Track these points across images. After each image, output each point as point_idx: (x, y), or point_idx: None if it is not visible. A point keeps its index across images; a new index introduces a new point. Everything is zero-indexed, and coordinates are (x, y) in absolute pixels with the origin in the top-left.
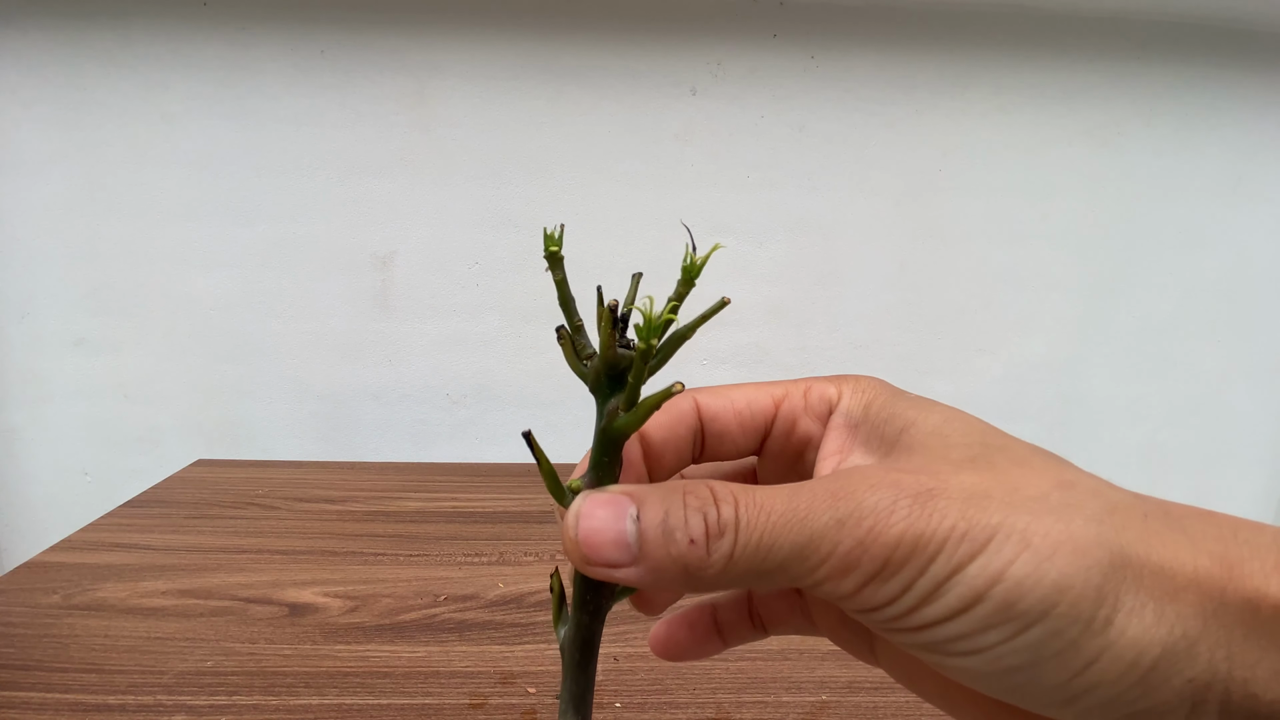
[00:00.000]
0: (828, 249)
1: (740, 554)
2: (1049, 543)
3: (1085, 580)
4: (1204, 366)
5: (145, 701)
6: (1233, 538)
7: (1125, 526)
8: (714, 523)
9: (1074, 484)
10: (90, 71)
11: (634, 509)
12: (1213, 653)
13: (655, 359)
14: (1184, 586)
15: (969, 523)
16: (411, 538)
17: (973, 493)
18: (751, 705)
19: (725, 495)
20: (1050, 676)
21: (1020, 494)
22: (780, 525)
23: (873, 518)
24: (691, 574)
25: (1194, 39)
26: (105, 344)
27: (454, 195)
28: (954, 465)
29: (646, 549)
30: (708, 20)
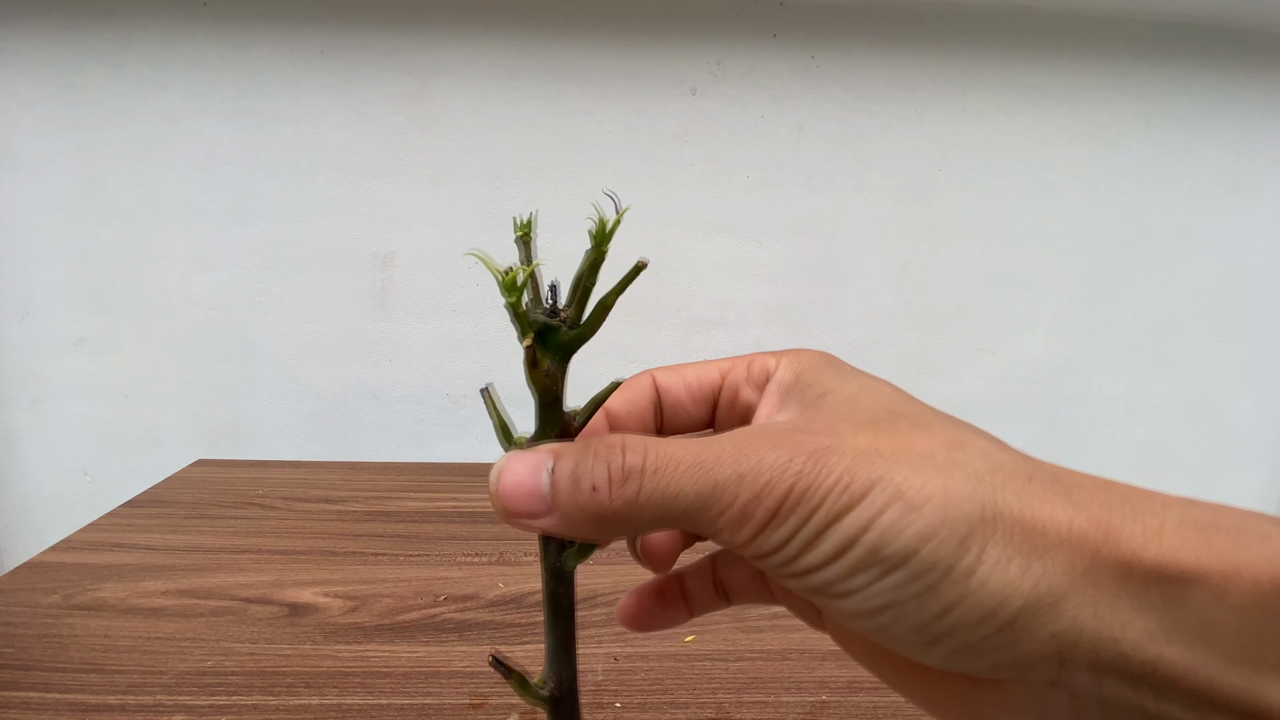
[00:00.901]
0: (828, 249)
1: (646, 499)
2: (921, 495)
3: (950, 531)
4: (1204, 366)
5: (145, 701)
6: (1120, 503)
7: (1005, 485)
8: (617, 470)
9: (965, 445)
10: (90, 71)
11: (551, 463)
12: (1079, 610)
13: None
14: (1055, 544)
15: (851, 476)
16: (411, 538)
17: (863, 450)
18: (751, 705)
19: (635, 445)
20: (911, 618)
21: (908, 451)
22: (686, 475)
23: (769, 473)
24: (598, 519)
25: (1194, 39)
26: (105, 344)
27: (454, 195)
28: (855, 426)
29: (558, 498)
30: (708, 20)
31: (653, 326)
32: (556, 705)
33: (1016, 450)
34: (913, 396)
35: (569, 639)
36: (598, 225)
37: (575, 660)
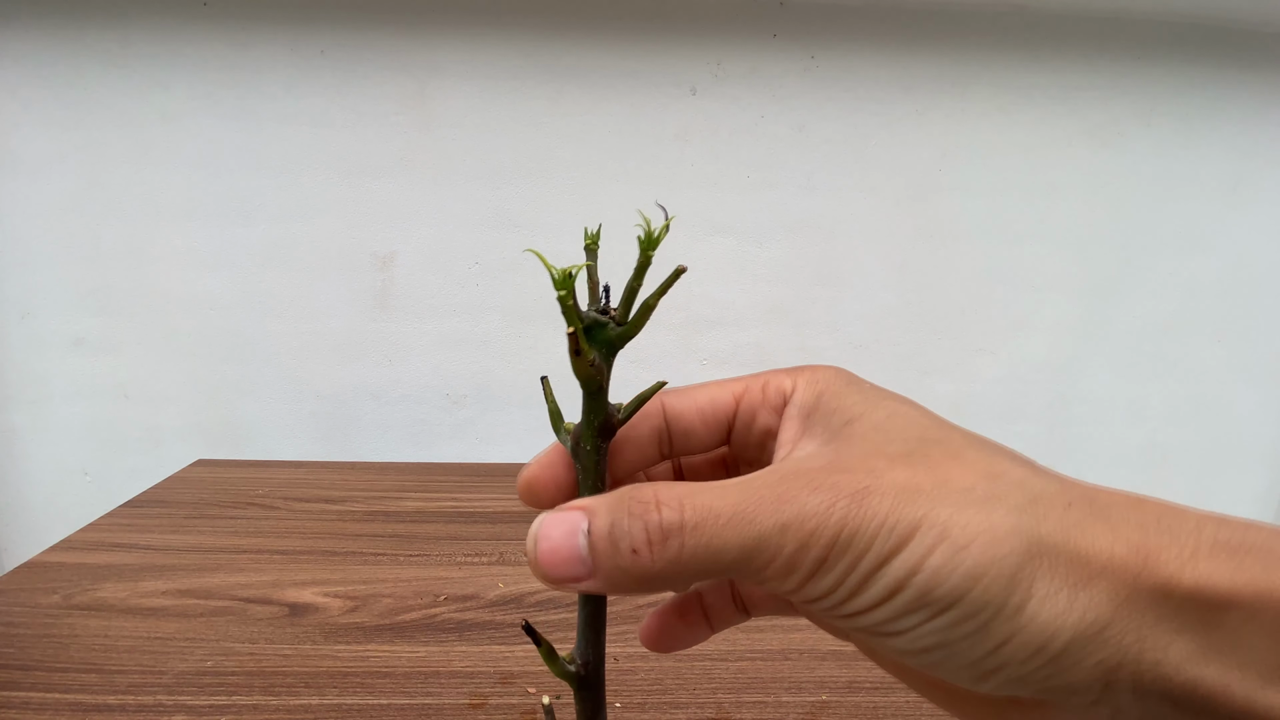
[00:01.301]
0: (828, 249)
1: (690, 557)
2: (967, 534)
3: (999, 569)
4: (1204, 366)
5: (145, 701)
6: (1155, 525)
7: (1046, 516)
8: (655, 529)
9: (1001, 475)
10: (90, 71)
11: (585, 523)
12: (1123, 637)
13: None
14: (1098, 573)
15: (896, 517)
16: (411, 538)
17: (904, 488)
18: (751, 705)
19: (670, 500)
20: (964, 656)
21: (948, 487)
22: (728, 528)
23: (813, 520)
24: (642, 580)
25: (1194, 39)
26: (105, 344)
27: (454, 195)
28: (889, 460)
29: (599, 562)
30: (708, 20)
31: (653, 326)
32: (582, 683)
33: (1049, 472)
34: (937, 416)
35: (597, 621)
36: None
37: (603, 644)
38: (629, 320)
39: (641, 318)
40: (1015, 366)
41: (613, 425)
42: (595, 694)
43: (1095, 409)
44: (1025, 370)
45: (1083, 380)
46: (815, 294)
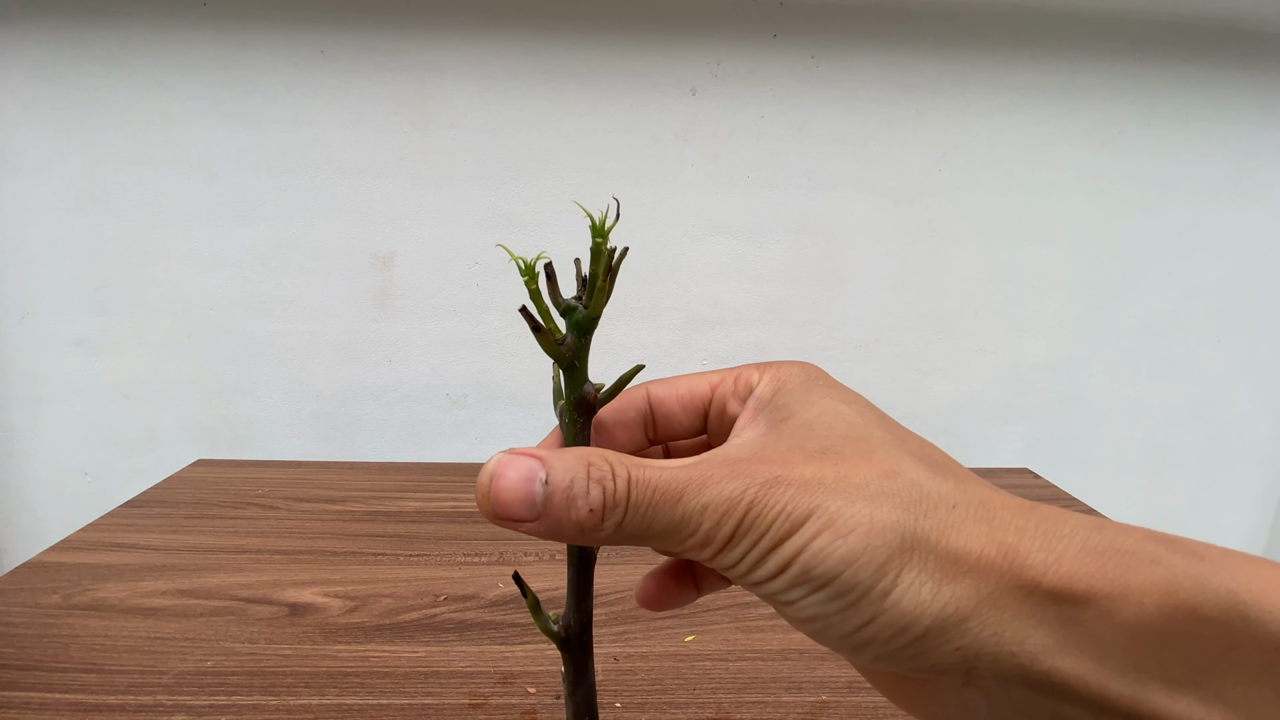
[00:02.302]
0: (828, 249)
1: (627, 524)
2: (849, 524)
3: (870, 557)
4: (1204, 366)
5: (145, 701)
6: (1032, 530)
7: (927, 515)
8: (609, 495)
9: (898, 475)
10: (90, 71)
11: (544, 473)
12: (981, 629)
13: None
14: (966, 571)
15: (794, 506)
16: (411, 538)
17: (807, 481)
18: (751, 705)
19: (622, 470)
20: (837, 629)
21: (846, 482)
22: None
23: (727, 504)
24: (585, 534)
25: (1194, 39)
26: (105, 344)
27: (454, 195)
28: (805, 455)
29: (549, 510)
30: (708, 20)
31: (653, 326)
32: (564, 644)
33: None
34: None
35: (581, 588)
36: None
37: (588, 611)
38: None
39: (597, 298)
40: (1015, 366)
41: (589, 401)
42: (578, 656)
43: (1095, 409)
44: (1025, 370)
45: (1083, 380)
46: (815, 294)
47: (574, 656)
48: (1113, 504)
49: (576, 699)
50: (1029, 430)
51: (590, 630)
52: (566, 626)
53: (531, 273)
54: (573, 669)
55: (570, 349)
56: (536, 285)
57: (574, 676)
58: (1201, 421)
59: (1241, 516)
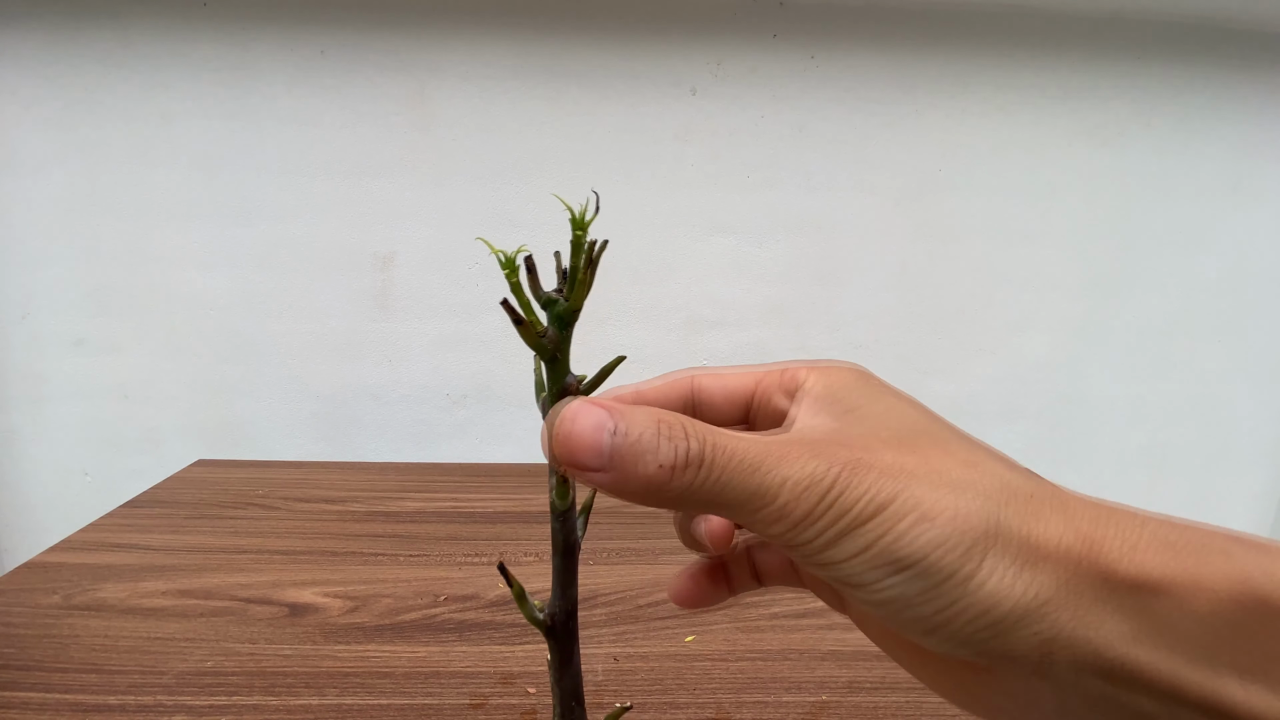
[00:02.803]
0: (828, 249)
1: (700, 486)
2: (935, 509)
3: (956, 541)
4: (1204, 366)
5: (145, 701)
6: (1105, 520)
7: (1008, 503)
8: (682, 454)
9: (977, 465)
10: (90, 71)
11: (613, 424)
12: (1060, 614)
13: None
14: (1045, 557)
15: (879, 488)
16: (411, 538)
17: (890, 466)
18: (751, 705)
19: (696, 433)
20: (916, 610)
21: (927, 469)
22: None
23: (809, 480)
24: (652, 491)
25: (1194, 39)
26: (105, 344)
27: (454, 195)
28: (883, 443)
29: (618, 461)
30: (708, 20)
31: (653, 326)
32: (551, 633)
33: (1023, 468)
34: (933, 413)
35: (566, 577)
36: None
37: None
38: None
39: (578, 290)
40: (1015, 366)
41: (571, 393)
42: (564, 644)
43: (1095, 409)
44: (1025, 370)
45: (1083, 380)
46: (815, 294)
47: (560, 644)
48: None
49: (563, 685)
50: (1029, 430)
51: (575, 618)
52: (552, 615)
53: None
54: (558, 656)
55: (552, 341)
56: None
57: (560, 663)
58: (1201, 421)
59: (1241, 516)
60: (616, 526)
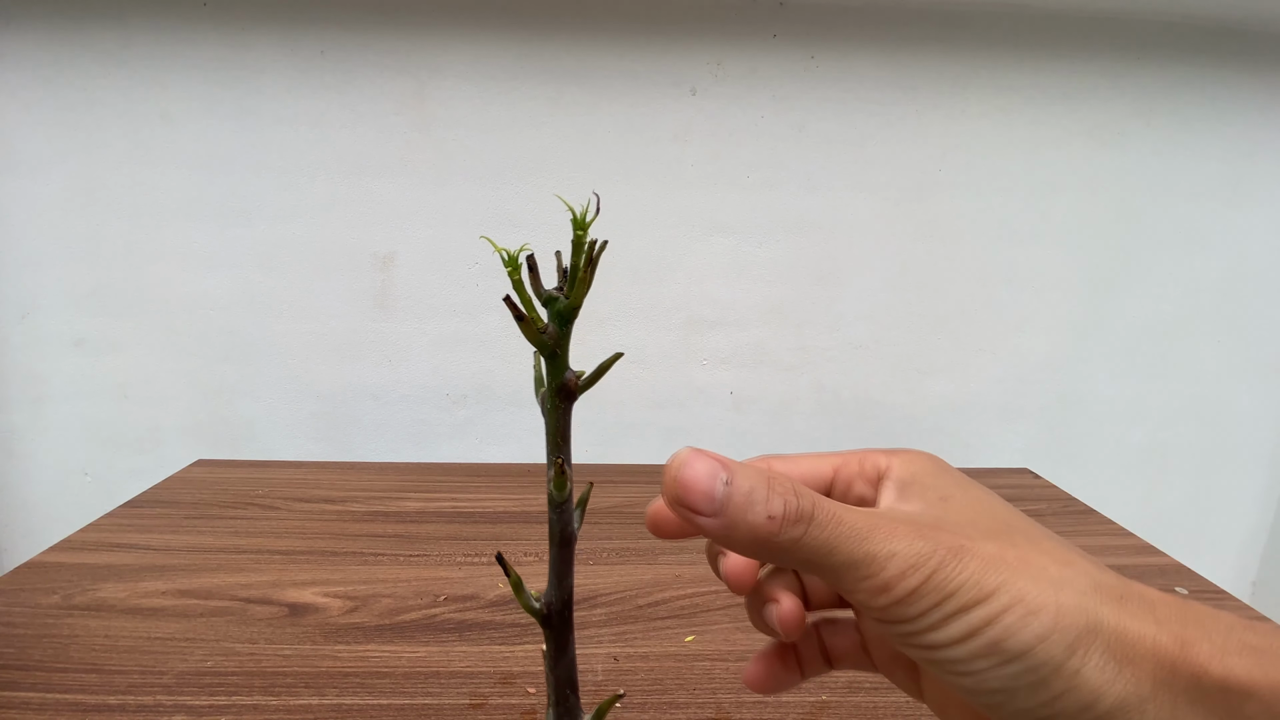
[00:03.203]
0: (828, 249)
1: (807, 543)
2: (1039, 603)
3: (1061, 636)
4: (1204, 366)
5: (145, 701)
6: (1194, 622)
7: (1104, 602)
8: (792, 509)
9: (1071, 563)
10: (90, 71)
11: (725, 475)
12: (1155, 711)
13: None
14: (1142, 656)
15: (982, 576)
16: (411, 538)
17: (992, 556)
18: (751, 705)
19: (805, 494)
20: (1022, 702)
21: (1028, 564)
22: (845, 537)
23: (916, 557)
24: (760, 541)
25: (1194, 39)
26: (105, 344)
27: (454, 195)
28: (982, 533)
29: (729, 509)
30: (708, 20)
31: (653, 326)
32: (545, 621)
33: (1110, 570)
34: (1017, 510)
35: (562, 568)
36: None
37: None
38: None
39: (578, 288)
40: (1015, 366)
41: (570, 388)
42: (559, 632)
43: (1095, 409)
44: (1025, 370)
45: (1083, 380)
46: (815, 294)
47: (555, 632)
48: (1113, 504)
49: (558, 673)
50: (1029, 430)
51: (571, 607)
52: (548, 604)
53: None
54: (554, 644)
55: (552, 337)
56: (519, 276)
57: (555, 651)
58: (1201, 421)
59: (1241, 516)
60: (616, 526)
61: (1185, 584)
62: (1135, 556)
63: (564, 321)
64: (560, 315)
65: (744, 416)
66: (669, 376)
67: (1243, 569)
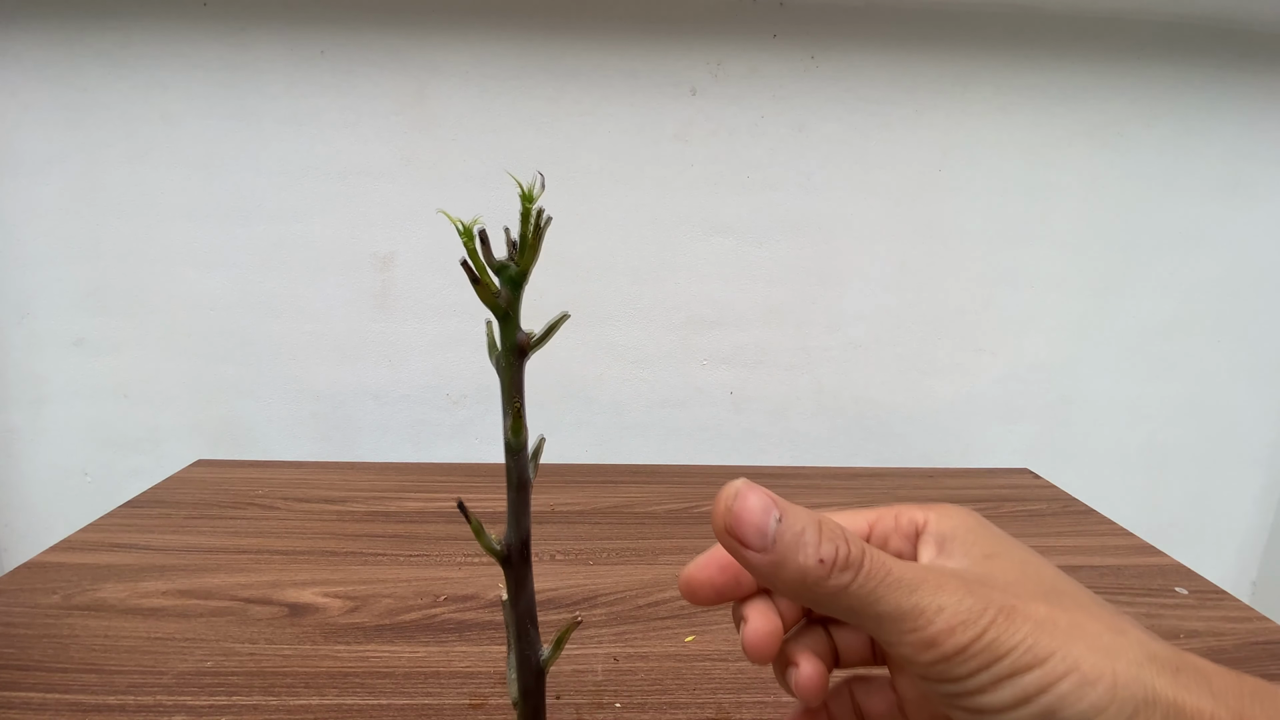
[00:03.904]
0: (828, 249)
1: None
2: (1096, 673)
3: (1119, 708)
4: (1204, 366)
5: (145, 701)
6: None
7: (1160, 674)
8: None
9: (1124, 631)
10: (90, 71)
11: (778, 513)
12: None
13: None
14: None
15: (1034, 640)
16: (411, 538)
17: (1044, 620)
18: (751, 705)
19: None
20: None
21: (1081, 630)
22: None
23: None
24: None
25: (1194, 39)
26: (105, 344)
27: (454, 195)
28: (1031, 594)
29: (780, 548)
30: (708, 20)
31: (653, 326)
32: (507, 561)
33: (1161, 639)
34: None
35: (519, 510)
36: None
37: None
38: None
39: (527, 256)
40: (1015, 366)
41: (522, 346)
42: (518, 571)
43: (1095, 409)
44: (1025, 370)
45: (1083, 380)
46: (815, 294)
47: (515, 571)
48: (1113, 504)
49: (519, 609)
50: (1029, 430)
51: (529, 547)
52: (508, 545)
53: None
54: (514, 582)
55: (505, 300)
56: (475, 245)
57: (515, 588)
58: (1201, 421)
59: (1241, 516)
60: (616, 526)
61: (1185, 584)
62: (1135, 556)
63: (515, 286)
64: (512, 280)
65: (744, 416)
66: (669, 376)
67: (1243, 569)
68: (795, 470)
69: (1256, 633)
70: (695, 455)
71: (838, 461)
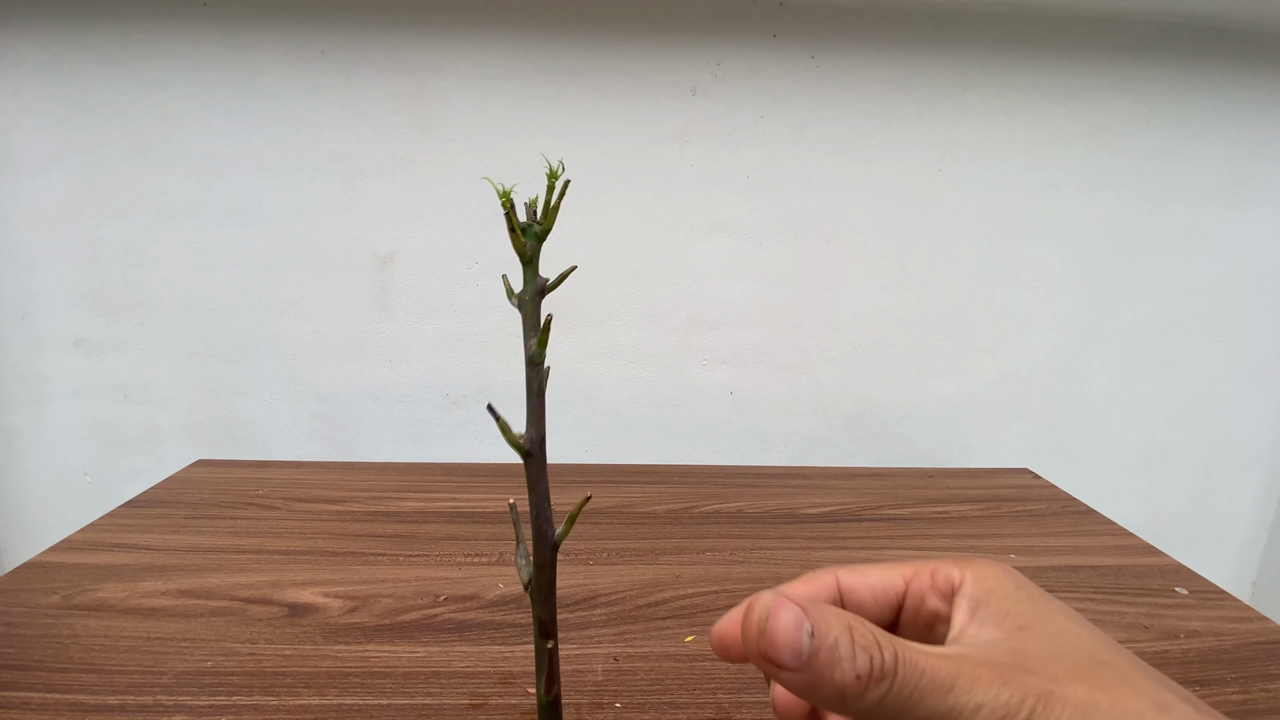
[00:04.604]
0: (828, 249)
1: (890, 700)
2: None
3: None
4: (1204, 366)
5: (145, 701)
6: None
7: None
8: (877, 665)
9: (1169, 708)
10: (90, 71)
11: (809, 625)
12: None
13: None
14: None
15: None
16: (411, 538)
17: (1083, 702)
18: (751, 705)
19: (887, 644)
20: None
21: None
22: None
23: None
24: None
25: (1194, 39)
26: (105, 344)
27: (454, 195)
28: (1068, 672)
29: (815, 665)
30: (708, 20)
31: (653, 326)
32: (529, 458)
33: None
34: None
35: (538, 414)
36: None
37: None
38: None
39: (551, 215)
40: (1015, 366)
41: (542, 288)
42: (537, 462)
43: (1095, 409)
44: (1025, 370)
45: (1083, 380)
46: (815, 294)
47: (535, 462)
48: (1113, 504)
49: (538, 491)
50: (1029, 430)
51: (545, 443)
52: (530, 440)
53: (508, 199)
54: (533, 472)
55: (531, 250)
56: (510, 207)
57: (535, 477)
58: (1201, 421)
59: (1241, 516)
60: (617, 526)
61: (1185, 584)
62: (1135, 556)
63: (539, 240)
64: (536, 236)
65: (744, 416)
66: (669, 376)
67: (1243, 569)
68: (795, 470)
69: (1256, 633)
70: (695, 455)
71: (838, 461)
